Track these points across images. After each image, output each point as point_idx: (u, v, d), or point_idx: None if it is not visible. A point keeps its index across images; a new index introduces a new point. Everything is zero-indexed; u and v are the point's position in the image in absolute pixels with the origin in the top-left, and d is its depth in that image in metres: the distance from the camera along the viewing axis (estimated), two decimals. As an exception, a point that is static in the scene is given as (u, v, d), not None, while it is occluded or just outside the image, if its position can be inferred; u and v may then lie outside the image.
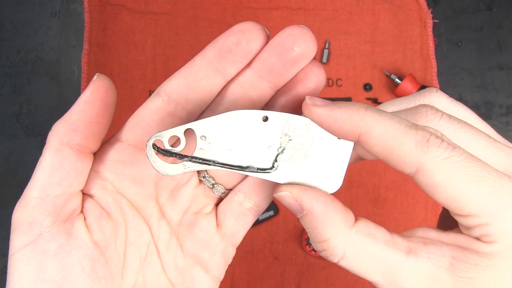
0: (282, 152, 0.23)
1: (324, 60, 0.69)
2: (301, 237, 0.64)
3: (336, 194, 0.23)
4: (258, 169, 0.23)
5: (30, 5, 0.71)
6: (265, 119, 0.23)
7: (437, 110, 0.22)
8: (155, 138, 0.23)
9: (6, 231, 0.65)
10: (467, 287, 0.20)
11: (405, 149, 0.20)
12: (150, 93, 0.69)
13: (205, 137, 0.23)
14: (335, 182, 0.23)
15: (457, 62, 0.70)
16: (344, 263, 0.21)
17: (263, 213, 0.64)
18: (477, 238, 0.20)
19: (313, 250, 0.63)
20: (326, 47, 0.69)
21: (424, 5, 0.70)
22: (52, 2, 0.71)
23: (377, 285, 0.21)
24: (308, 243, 0.63)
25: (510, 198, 0.19)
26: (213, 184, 0.26)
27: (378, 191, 0.66)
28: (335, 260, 0.21)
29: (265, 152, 0.23)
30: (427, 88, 0.24)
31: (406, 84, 0.65)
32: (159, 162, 0.23)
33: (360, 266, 0.21)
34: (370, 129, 0.20)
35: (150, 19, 0.70)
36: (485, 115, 0.68)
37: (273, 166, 0.23)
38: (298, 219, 0.23)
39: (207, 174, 0.26)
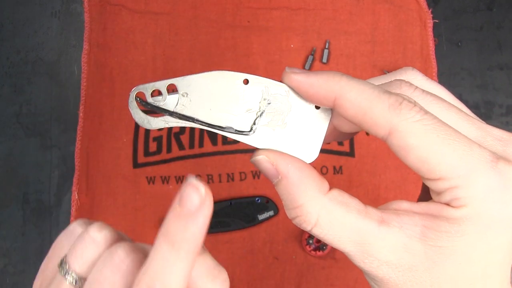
0: (260, 116, 0.23)
1: (324, 60, 0.69)
2: (301, 237, 0.64)
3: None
4: (236, 130, 0.23)
5: (30, 5, 0.71)
6: (246, 82, 0.23)
7: (411, 84, 0.22)
8: (137, 91, 0.23)
9: (6, 231, 0.65)
10: (438, 256, 0.20)
11: (377, 111, 0.20)
12: (150, 93, 0.69)
13: (186, 93, 0.23)
14: (312, 151, 0.23)
15: (457, 62, 0.70)
16: (317, 231, 0.21)
17: (263, 213, 0.65)
18: (447, 204, 0.20)
19: (313, 250, 0.63)
20: (326, 47, 0.69)
21: (424, 5, 0.70)
22: (52, 2, 0.71)
23: (349, 255, 0.21)
24: (308, 243, 0.63)
25: (479, 163, 0.19)
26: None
27: (378, 191, 0.66)
28: (308, 228, 0.21)
29: (244, 115, 0.23)
30: (403, 67, 0.25)
31: (406, 84, 0.65)
32: (140, 115, 0.23)
33: (333, 234, 0.21)
34: (345, 92, 0.21)
35: (150, 19, 0.70)
36: (485, 115, 0.68)
37: (251, 129, 0.23)
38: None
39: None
